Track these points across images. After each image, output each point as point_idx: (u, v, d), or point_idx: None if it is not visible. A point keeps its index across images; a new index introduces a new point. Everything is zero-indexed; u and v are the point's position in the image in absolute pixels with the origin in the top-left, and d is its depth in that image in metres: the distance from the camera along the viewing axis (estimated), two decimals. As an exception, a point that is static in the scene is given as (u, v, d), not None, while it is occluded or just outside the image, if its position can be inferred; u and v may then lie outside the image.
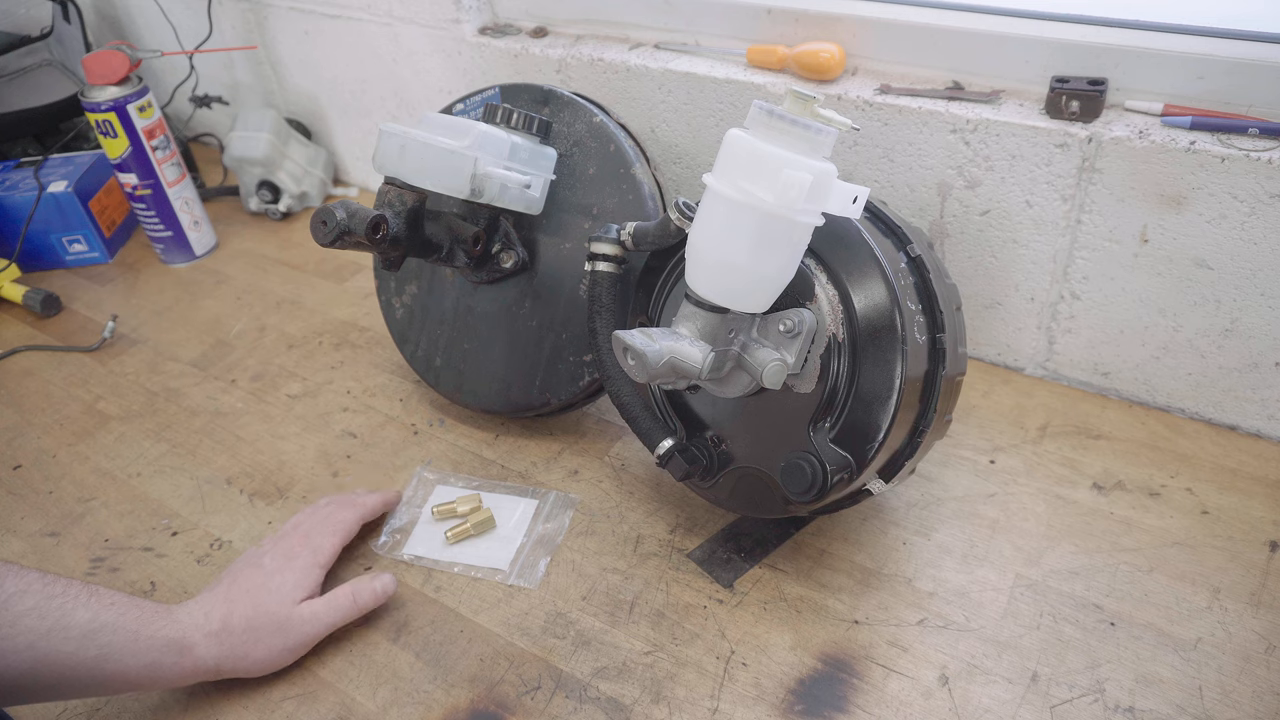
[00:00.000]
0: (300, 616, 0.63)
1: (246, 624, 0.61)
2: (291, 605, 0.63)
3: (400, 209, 0.70)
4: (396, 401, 0.89)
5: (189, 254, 1.15)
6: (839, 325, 0.58)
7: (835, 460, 0.58)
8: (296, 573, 0.65)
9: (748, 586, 0.67)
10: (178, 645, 0.58)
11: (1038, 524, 0.70)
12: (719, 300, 0.56)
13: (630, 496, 0.76)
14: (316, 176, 1.23)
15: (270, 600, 0.62)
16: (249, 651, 0.61)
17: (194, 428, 0.88)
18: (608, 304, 0.68)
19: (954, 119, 0.75)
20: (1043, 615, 0.63)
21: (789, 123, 0.51)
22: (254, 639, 0.61)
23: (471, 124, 0.70)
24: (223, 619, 0.61)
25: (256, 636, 0.61)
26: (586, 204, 0.76)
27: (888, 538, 0.70)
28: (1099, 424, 0.79)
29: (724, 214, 0.53)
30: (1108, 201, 0.72)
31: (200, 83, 1.28)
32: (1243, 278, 0.70)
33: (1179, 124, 0.69)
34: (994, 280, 0.82)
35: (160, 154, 1.07)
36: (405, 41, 1.05)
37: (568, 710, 0.60)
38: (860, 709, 0.59)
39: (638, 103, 0.91)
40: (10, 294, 1.07)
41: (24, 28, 1.28)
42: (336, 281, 1.08)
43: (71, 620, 0.54)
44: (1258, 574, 0.65)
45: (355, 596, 0.65)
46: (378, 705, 0.61)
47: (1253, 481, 0.72)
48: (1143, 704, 0.57)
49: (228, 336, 1.00)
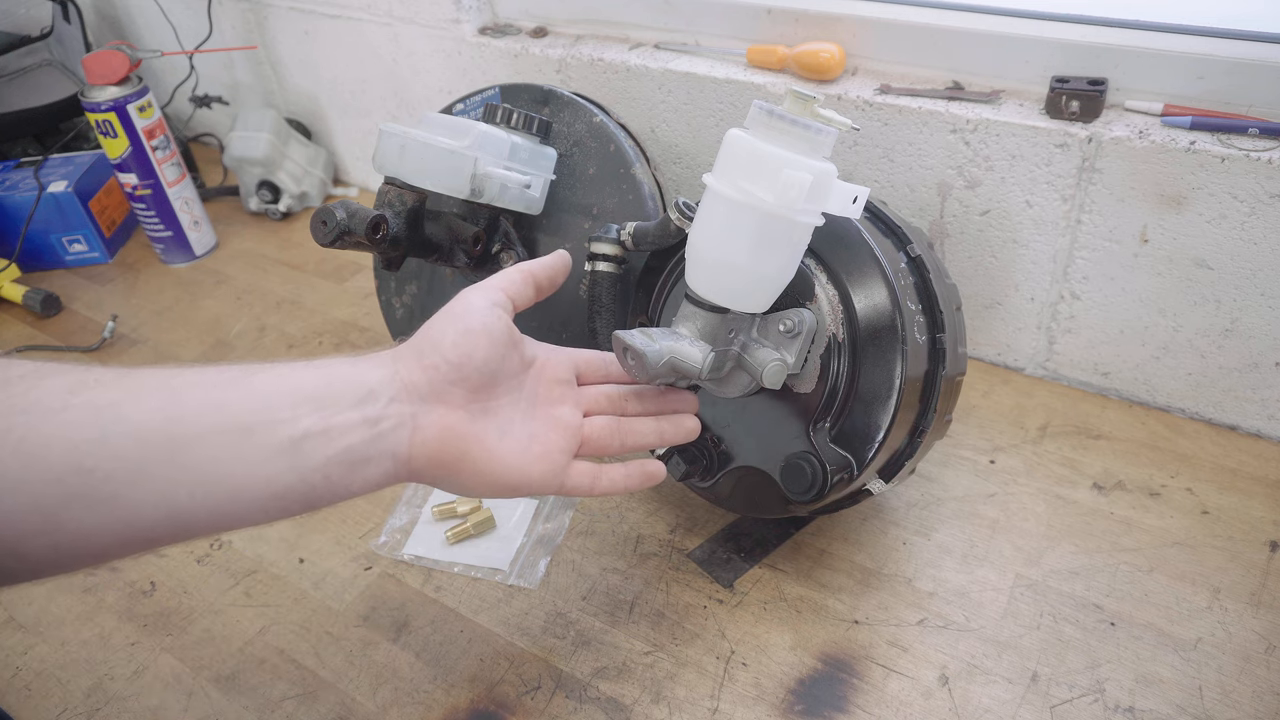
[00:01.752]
0: (470, 295, 0.51)
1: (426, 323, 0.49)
2: (457, 300, 0.51)
3: (400, 209, 0.70)
4: (396, 401, 0.89)
5: (189, 254, 1.15)
6: (839, 325, 0.58)
7: (835, 460, 0.58)
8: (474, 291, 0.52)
9: (748, 586, 0.67)
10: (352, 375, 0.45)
11: (1038, 524, 0.70)
12: (719, 300, 0.56)
13: (630, 496, 0.76)
14: (316, 176, 1.23)
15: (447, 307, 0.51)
16: (427, 331, 0.49)
17: (194, 428, 0.88)
18: (608, 304, 0.68)
19: (954, 119, 0.75)
20: (1043, 615, 0.63)
21: (789, 123, 0.51)
22: (426, 327, 0.49)
23: (471, 124, 0.70)
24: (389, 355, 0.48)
25: (429, 324, 0.49)
26: (586, 204, 0.76)
27: (888, 538, 0.70)
28: (1099, 424, 0.79)
29: (724, 214, 0.53)
30: (1108, 201, 0.72)
31: (200, 83, 1.28)
32: (1243, 278, 0.70)
33: (1179, 124, 0.69)
34: (994, 280, 0.82)
35: (160, 154, 1.07)
36: (405, 41, 1.05)
37: (568, 710, 0.60)
38: (860, 709, 0.59)
39: (638, 103, 0.91)
40: (10, 294, 1.07)
41: (24, 28, 1.28)
42: (336, 281, 1.09)
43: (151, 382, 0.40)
44: (1258, 574, 0.65)
45: (532, 271, 0.54)
46: (378, 705, 0.61)
47: (1253, 481, 0.72)
48: (1143, 704, 0.57)
49: (228, 336, 1.00)
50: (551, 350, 0.56)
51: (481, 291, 0.51)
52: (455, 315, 0.49)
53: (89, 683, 0.64)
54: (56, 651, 0.66)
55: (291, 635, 0.66)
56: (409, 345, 0.49)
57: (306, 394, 0.43)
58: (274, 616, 0.68)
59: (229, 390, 0.42)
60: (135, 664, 0.65)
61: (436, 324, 0.49)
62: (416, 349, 0.48)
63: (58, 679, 0.64)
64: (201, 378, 0.42)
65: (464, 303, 0.50)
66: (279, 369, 0.44)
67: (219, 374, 0.42)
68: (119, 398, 0.39)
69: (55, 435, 0.37)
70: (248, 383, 0.42)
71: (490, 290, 0.51)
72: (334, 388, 0.44)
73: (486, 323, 0.49)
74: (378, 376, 0.46)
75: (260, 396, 0.42)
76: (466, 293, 0.51)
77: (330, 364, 0.46)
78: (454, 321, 0.49)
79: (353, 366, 0.46)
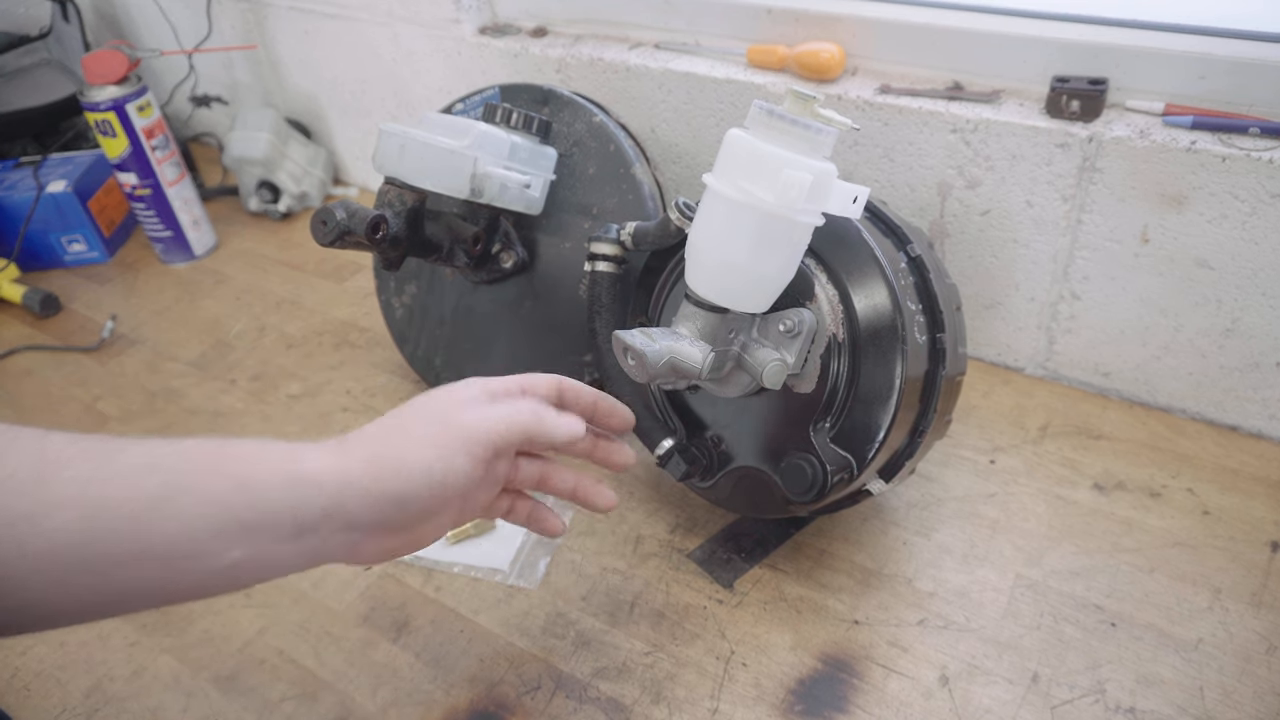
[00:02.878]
0: (455, 414, 0.47)
1: (387, 424, 0.46)
2: (451, 404, 0.48)
3: (400, 209, 0.70)
4: (396, 402, 0.89)
5: (188, 254, 1.14)
6: (839, 325, 0.58)
7: (835, 460, 0.58)
8: (452, 390, 0.50)
9: (748, 587, 0.67)
10: (281, 453, 0.43)
11: (1038, 524, 0.70)
12: (719, 300, 0.56)
13: (630, 496, 0.76)
14: (316, 176, 1.23)
15: (409, 408, 0.48)
16: (396, 443, 0.45)
17: (193, 428, 0.88)
18: (608, 304, 0.68)
19: (954, 119, 0.75)
20: (1043, 615, 0.63)
21: (789, 122, 0.51)
22: (401, 432, 0.46)
23: (471, 124, 0.70)
24: (355, 433, 0.46)
25: (404, 430, 0.46)
26: (586, 204, 0.76)
27: (888, 538, 0.70)
28: (1099, 424, 0.79)
29: (724, 214, 0.53)
30: (1108, 201, 0.72)
31: (200, 82, 1.28)
32: (1244, 277, 0.70)
33: (1180, 123, 0.69)
34: (994, 280, 0.81)
35: (159, 154, 1.07)
36: (405, 41, 1.05)
37: (568, 710, 0.60)
38: (860, 709, 0.59)
39: (638, 103, 0.91)
40: (9, 294, 1.07)
41: (23, 27, 1.27)
42: (336, 281, 1.08)
43: (131, 457, 0.40)
44: (1259, 574, 0.65)
45: (540, 410, 0.50)
46: (378, 705, 0.61)
47: (1254, 482, 0.72)
48: (1144, 704, 0.57)
49: (227, 336, 1.00)
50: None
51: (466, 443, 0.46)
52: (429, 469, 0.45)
53: (88, 683, 0.64)
54: (55, 652, 0.66)
55: (291, 635, 0.66)
56: (367, 460, 0.44)
57: (235, 520, 0.40)
58: (273, 617, 0.68)
59: (150, 515, 0.39)
60: (134, 664, 0.65)
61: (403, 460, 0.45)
62: (375, 475, 0.44)
63: (57, 679, 0.64)
64: (123, 490, 0.39)
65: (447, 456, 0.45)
66: (205, 485, 0.40)
67: (138, 484, 0.39)
68: (34, 510, 0.38)
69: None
70: (171, 506, 0.39)
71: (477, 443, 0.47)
72: (267, 513, 0.41)
73: (454, 483, 0.46)
74: (320, 505, 0.42)
75: (183, 523, 0.40)
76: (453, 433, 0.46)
77: (264, 477, 0.41)
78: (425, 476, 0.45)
79: (289, 488, 0.42)
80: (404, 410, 0.48)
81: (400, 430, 0.46)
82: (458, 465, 0.45)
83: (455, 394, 0.49)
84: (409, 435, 0.45)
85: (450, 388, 0.50)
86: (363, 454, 0.44)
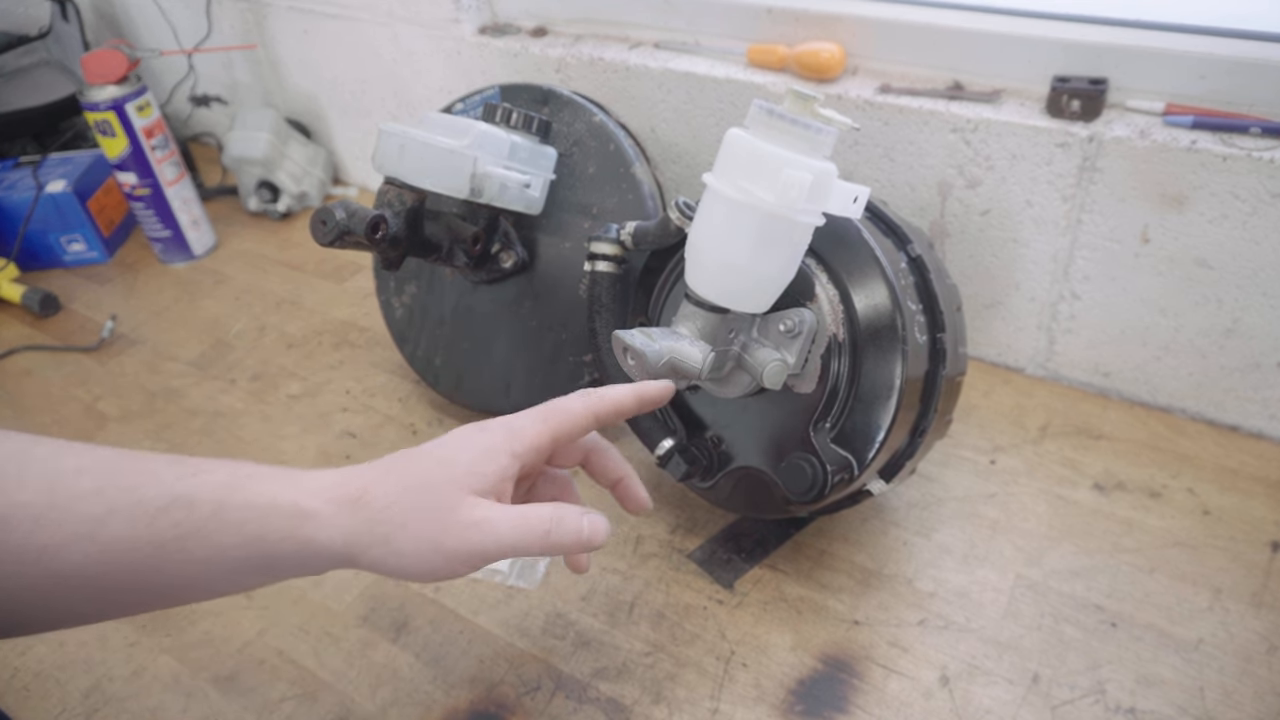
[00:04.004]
0: (469, 515, 0.43)
1: (392, 499, 0.44)
2: (459, 491, 0.44)
3: (400, 209, 0.70)
4: (396, 401, 0.89)
5: (188, 254, 1.14)
6: (839, 325, 0.58)
7: (835, 460, 0.58)
8: (476, 451, 0.45)
9: (748, 587, 0.67)
10: (291, 510, 0.42)
11: (1038, 524, 0.70)
12: (719, 300, 0.56)
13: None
14: (316, 176, 1.23)
15: (432, 474, 0.44)
16: (392, 533, 0.43)
17: (193, 428, 0.88)
18: (607, 304, 0.68)
19: (954, 118, 0.75)
20: (1043, 616, 0.63)
21: (789, 122, 0.50)
22: (401, 518, 0.43)
23: (471, 123, 0.70)
24: (361, 488, 0.44)
25: (405, 516, 0.43)
26: (586, 204, 0.76)
27: (888, 538, 0.70)
28: (1100, 424, 0.79)
29: (724, 214, 0.53)
30: (1109, 201, 0.72)
31: (199, 82, 1.28)
32: (1244, 277, 0.70)
33: (1180, 123, 0.69)
34: (994, 280, 0.81)
35: (159, 153, 1.07)
36: (405, 41, 1.05)
37: (568, 711, 0.60)
38: (860, 709, 0.58)
39: (638, 102, 0.91)
40: (9, 293, 1.07)
41: (22, 27, 1.27)
42: (336, 281, 1.08)
43: (144, 495, 0.41)
44: (1259, 574, 0.65)
45: (555, 524, 0.45)
46: (378, 705, 0.61)
47: (1254, 482, 0.72)
48: (1144, 705, 0.57)
49: (227, 336, 1.00)
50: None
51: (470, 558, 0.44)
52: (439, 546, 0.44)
53: (87, 683, 0.64)
54: (55, 652, 0.66)
55: (291, 636, 0.66)
56: (376, 542, 0.43)
57: (247, 565, 0.43)
58: (273, 617, 0.68)
59: (165, 558, 0.41)
60: (134, 665, 0.65)
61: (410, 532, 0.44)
62: (379, 557, 0.44)
63: (56, 679, 0.64)
64: (137, 531, 0.41)
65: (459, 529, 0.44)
66: (216, 535, 0.42)
67: (153, 527, 0.41)
68: (49, 543, 0.39)
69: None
70: (185, 552, 0.41)
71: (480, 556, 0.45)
72: (277, 563, 0.43)
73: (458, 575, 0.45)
74: (326, 563, 0.44)
75: (198, 567, 0.42)
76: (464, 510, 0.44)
77: (274, 538, 0.42)
78: (435, 552, 0.44)
79: (299, 553, 0.43)
80: (419, 482, 0.44)
81: (410, 518, 0.43)
82: (458, 572, 0.45)
83: (474, 474, 0.45)
84: (416, 530, 0.43)
85: (473, 452, 0.45)
86: (375, 531, 0.43)
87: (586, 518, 0.46)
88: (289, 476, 0.44)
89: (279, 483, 0.43)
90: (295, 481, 0.44)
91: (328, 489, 0.44)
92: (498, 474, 0.45)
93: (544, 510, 0.45)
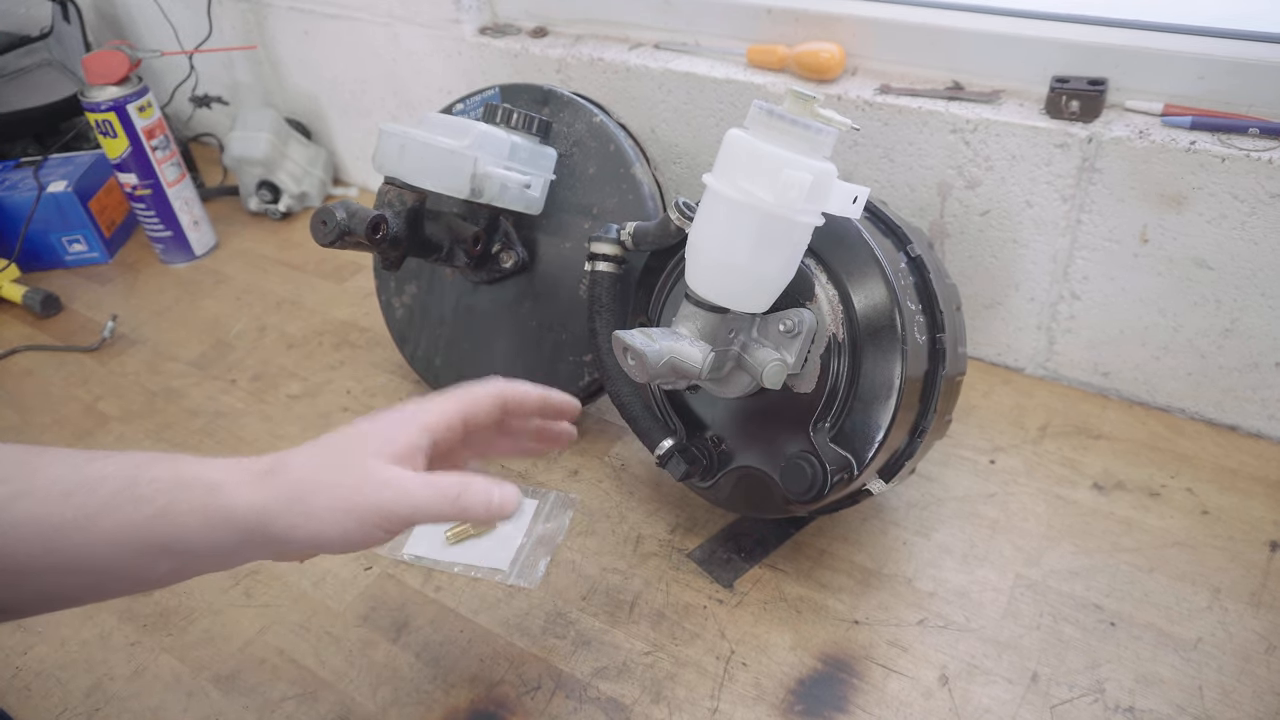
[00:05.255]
0: (378, 475, 0.45)
1: (305, 466, 0.45)
2: (373, 456, 0.45)
3: (400, 209, 0.70)
4: (396, 401, 0.89)
5: (189, 254, 1.15)
6: (839, 325, 0.58)
7: (835, 460, 0.58)
8: (388, 423, 0.48)
9: (748, 586, 0.67)
10: (197, 482, 0.43)
11: (1038, 524, 0.70)
12: (719, 300, 0.56)
13: (630, 496, 0.76)
14: (316, 176, 1.23)
15: (345, 443, 0.46)
16: (305, 495, 0.44)
17: (194, 428, 0.88)
18: (608, 304, 0.68)
19: (954, 119, 0.75)
20: (1043, 615, 0.63)
21: (789, 123, 0.51)
22: (314, 480, 0.44)
23: (471, 124, 0.70)
24: (275, 460, 0.45)
25: (318, 478, 0.44)
26: (586, 204, 0.76)
27: (888, 538, 0.70)
28: (1099, 424, 0.79)
29: (724, 214, 0.53)
30: (1108, 201, 0.72)
31: (200, 82, 1.28)
32: (1243, 278, 0.70)
33: (1179, 124, 0.69)
34: (994, 280, 0.82)
35: (160, 154, 1.07)
36: (405, 41, 1.05)
37: (568, 710, 0.60)
38: (860, 709, 0.59)
39: (638, 103, 0.91)
40: (10, 294, 1.07)
41: (23, 27, 1.28)
42: (336, 281, 1.08)
43: (44, 476, 0.42)
44: (1258, 574, 0.65)
45: (462, 491, 0.46)
46: (378, 705, 0.61)
47: (1253, 481, 0.72)
48: (1143, 704, 0.57)
49: (228, 336, 1.00)
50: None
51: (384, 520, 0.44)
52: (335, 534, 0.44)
53: (89, 682, 0.64)
54: (56, 651, 0.66)
55: (291, 635, 0.66)
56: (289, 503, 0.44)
57: (157, 545, 0.43)
58: (274, 616, 0.68)
59: (67, 538, 0.41)
60: (135, 664, 0.65)
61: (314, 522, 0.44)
62: (292, 523, 0.44)
63: (57, 679, 0.64)
64: (41, 510, 0.41)
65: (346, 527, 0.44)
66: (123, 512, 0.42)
67: (55, 508, 0.41)
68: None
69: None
70: (89, 531, 0.41)
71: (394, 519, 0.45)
72: (186, 541, 0.43)
73: (371, 544, 0.46)
74: (236, 537, 0.44)
75: (104, 546, 0.42)
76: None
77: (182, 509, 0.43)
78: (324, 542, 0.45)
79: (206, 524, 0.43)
80: (332, 449, 0.46)
81: (322, 479, 0.44)
82: (373, 536, 0.45)
83: (385, 439, 0.46)
84: (329, 492, 0.44)
85: (385, 423, 0.48)
86: (287, 494, 0.44)
87: (498, 487, 0.47)
88: (199, 459, 0.45)
89: (186, 461, 0.44)
90: (205, 461, 0.44)
91: (239, 465, 0.45)
92: (408, 442, 0.46)
93: (453, 476, 0.46)
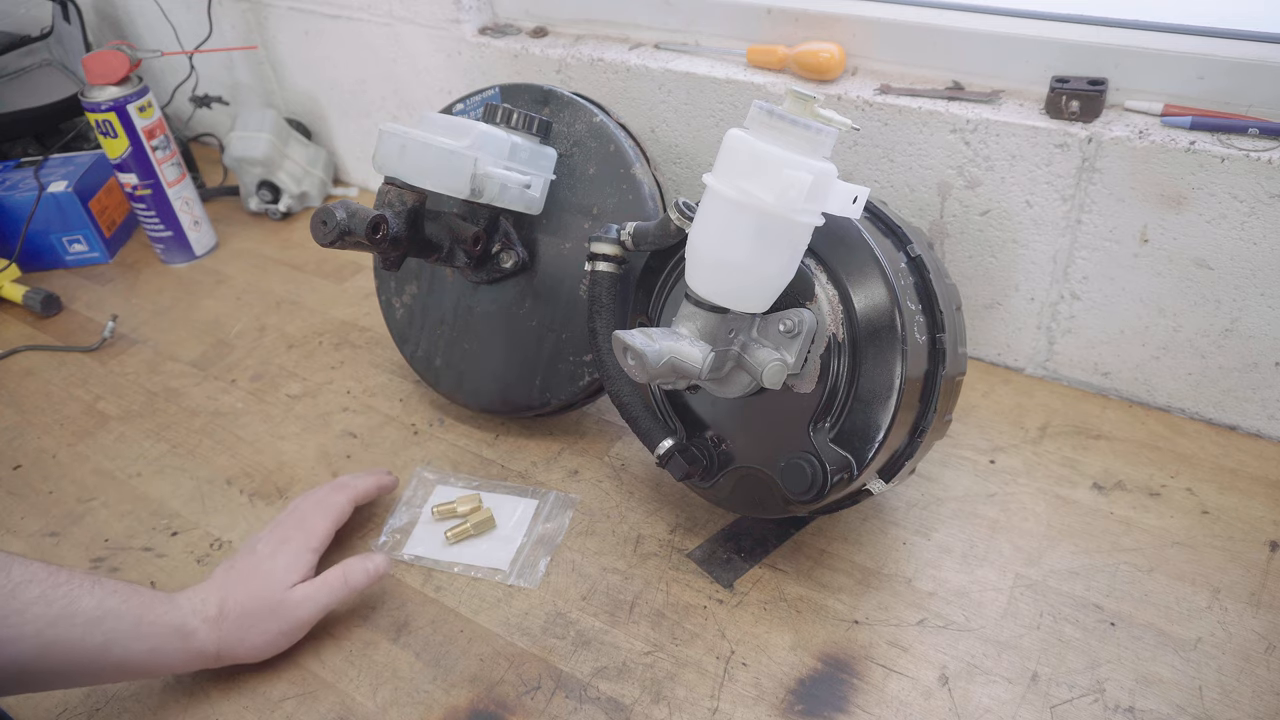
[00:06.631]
0: (293, 600, 0.63)
1: (241, 610, 0.62)
2: (284, 589, 0.63)
3: (400, 209, 0.70)
4: (396, 401, 0.89)
5: (189, 254, 1.15)
6: (839, 325, 0.58)
7: (835, 460, 0.58)
8: (289, 556, 0.65)
9: (748, 586, 0.67)
10: (180, 631, 0.59)
11: (1038, 524, 0.70)
12: (719, 300, 0.56)
13: (630, 496, 0.76)
14: (316, 176, 1.23)
15: (263, 586, 0.63)
16: (245, 636, 0.62)
17: (194, 428, 0.88)
18: (608, 304, 0.68)
19: (954, 119, 0.75)
20: (1043, 615, 0.63)
21: (789, 123, 0.51)
22: (249, 624, 0.62)
23: (471, 124, 0.70)
24: (219, 605, 0.61)
25: (252, 622, 0.62)
26: (586, 204, 0.76)
27: (888, 538, 0.70)
28: (1099, 424, 0.79)
29: (724, 214, 0.53)
30: (1108, 201, 0.72)
31: (200, 83, 1.28)
32: (1242, 278, 0.70)
33: (1179, 124, 0.69)
34: (994, 280, 0.82)
35: (160, 154, 1.07)
36: (405, 41, 1.05)
37: (568, 710, 0.60)
38: (860, 709, 0.59)
39: (638, 103, 0.91)
40: (10, 294, 1.07)
41: (24, 28, 1.28)
42: (336, 281, 1.08)
43: (77, 607, 0.55)
44: (1258, 574, 0.65)
45: (346, 576, 0.65)
46: (378, 705, 0.61)
47: (1253, 481, 0.72)
48: (1143, 704, 0.57)
49: (228, 336, 1.00)
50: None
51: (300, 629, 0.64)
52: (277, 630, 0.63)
53: (89, 683, 0.64)
54: (56, 651, 0.66)
55: (291, 635, 0.66)
56: (236, 640, 0.61)
57: (148, 668, 0.59)
58: (274, 616, 0.68)
59: (92, 660, 0.56)
60: (135, 664, 0.65)
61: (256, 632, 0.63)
62: (237, 655, 0.62)
63: (58, 679, 0.64)
64: (76, 636, 0.55)
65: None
66: (132, 648, 0.57)
67: (87, 637, 0.55)
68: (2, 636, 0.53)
69: None
70: (108, 657, 0.56)
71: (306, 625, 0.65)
72: (169, 666, 0.60)
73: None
74: (203, 663, 0.61)
75: (117, 668, 0.57)
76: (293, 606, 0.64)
77: (169, 651, 0.59)
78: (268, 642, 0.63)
79: (185, 659, 0.60)
80: (256, 593, 0.63)
81: (255, 617, 0.62)
82: (295, 639, 0.65)
83: (290, 570, 0.64)
84: (262, 625, 0.62)
85: (288, 556, 0.65)
86: (234, 633, 0.61)
87: (370, 560, 0.67)
88: (171, 601, 0.60)
89: (167, 607, 0.59)
90: (177, 605, 0.60)
91: (199, 610, 0.60)
92: (304, 567, 0.65)
93: (336, 569, 0.66)
